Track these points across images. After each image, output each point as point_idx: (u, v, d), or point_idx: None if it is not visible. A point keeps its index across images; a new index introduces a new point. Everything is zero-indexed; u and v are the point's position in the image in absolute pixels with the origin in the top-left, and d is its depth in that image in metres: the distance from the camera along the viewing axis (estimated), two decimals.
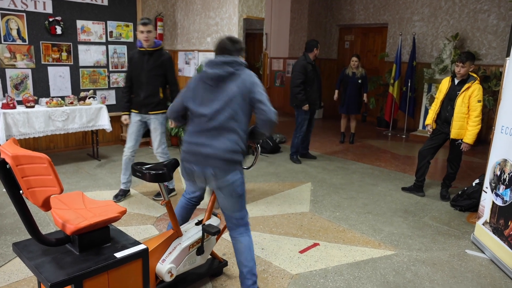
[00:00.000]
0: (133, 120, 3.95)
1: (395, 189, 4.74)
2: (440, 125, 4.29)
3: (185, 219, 2.76)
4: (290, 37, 9.96)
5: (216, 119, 2.23)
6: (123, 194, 4.10)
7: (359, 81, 6.74)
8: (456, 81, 4.17)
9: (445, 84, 4.25)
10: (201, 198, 2.78)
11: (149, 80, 3.82)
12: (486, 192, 3.32)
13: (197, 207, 2.74)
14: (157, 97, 3.86)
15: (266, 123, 2.26)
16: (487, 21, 7.36)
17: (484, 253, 3.23)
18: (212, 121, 2.24)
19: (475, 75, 4.11)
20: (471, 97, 4.02)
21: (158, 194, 4.19)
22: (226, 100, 2.22)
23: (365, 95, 6.87)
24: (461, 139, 4.13)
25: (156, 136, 3.96)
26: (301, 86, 5.38)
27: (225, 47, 2.31)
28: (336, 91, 6.99)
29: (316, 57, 5.60)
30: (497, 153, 3.21)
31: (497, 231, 3.08)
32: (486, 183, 3.32)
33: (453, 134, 4.14)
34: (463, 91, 4.05)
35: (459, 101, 4.06)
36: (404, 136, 8.00)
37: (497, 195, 3.12)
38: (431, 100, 7.58)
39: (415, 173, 4.60)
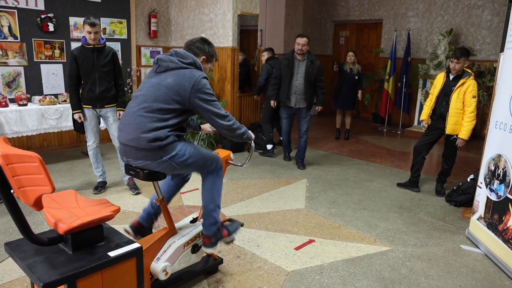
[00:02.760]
0: (89, 115, 4.06)
1: (390, 185, 4.74)
2: (435, 120, 4.29)
3: (168, 197, 2.67)
4: (285, 33, 9.91)
5: None
6: (102, 186, 4.27)
7: (356, 77, 6.76)
8: (451, 77, 4.17)
9: (440, 80, 4.25)
10: (184, 177, 2.68)
11: (103, 76, 3.97)
12: (480, 187, 3.33)
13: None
14: (112, 91, 4.06)
15: None
16: (481, 16, 7.37)
17: (478, 248, 3.25)
18: None
19: (469, 71, 4.12)
20: (466, 92, 4.02)
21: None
22: None
23: (359, 92, 6.87)
24: (456, 135, 4.14)
25: (116, 128, 4.07)
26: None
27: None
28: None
29: (302, 52, 4.95)
30: (491, 149, 3.22)
31: (492, 226, 3.09)
32: (481, 179, 3.33)
33: (449, 129, 4.14)
34: (458, 87, 4.05)
35: (454, 97, 4.06)
36: (399, 132, 8.01)
37: (491, 190, 3.13)
38: (426, 95, 7.59)
39: (410, 168, 4.61)
